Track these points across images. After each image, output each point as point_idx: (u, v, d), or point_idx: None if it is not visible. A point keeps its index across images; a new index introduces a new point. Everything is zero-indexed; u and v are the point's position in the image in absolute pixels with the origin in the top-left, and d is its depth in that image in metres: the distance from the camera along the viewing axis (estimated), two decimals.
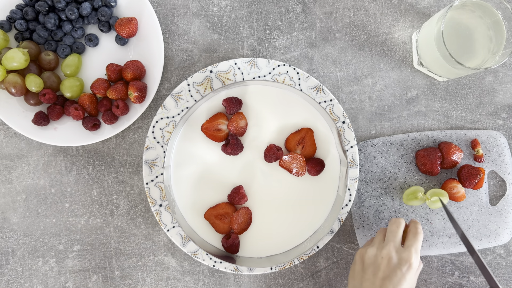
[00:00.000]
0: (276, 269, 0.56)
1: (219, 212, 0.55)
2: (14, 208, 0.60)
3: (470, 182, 0.56)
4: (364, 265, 0.49)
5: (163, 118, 0.56)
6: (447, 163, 0.57)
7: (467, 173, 0.56)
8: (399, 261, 0.47)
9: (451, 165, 0.57)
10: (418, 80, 0.60)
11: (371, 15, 0.60)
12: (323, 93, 0.56)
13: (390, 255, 0.47)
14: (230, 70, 0.56)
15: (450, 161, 0.57)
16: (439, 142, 0.58)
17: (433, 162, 0.57)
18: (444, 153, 0.57)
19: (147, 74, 0.57)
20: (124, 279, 0.60)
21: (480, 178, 0.56)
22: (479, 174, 0.56)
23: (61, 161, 0.60)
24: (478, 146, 0.58)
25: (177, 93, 0.56)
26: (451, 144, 0.57)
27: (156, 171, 0.56)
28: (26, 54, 0.54)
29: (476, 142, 0.58)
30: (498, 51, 0.52)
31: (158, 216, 0.56)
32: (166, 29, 0.60)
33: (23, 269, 0.60)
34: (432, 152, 0.57)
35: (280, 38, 0.60)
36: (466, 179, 0.56)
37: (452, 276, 0.59)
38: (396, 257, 0.47)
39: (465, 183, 0.56)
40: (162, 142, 0.56)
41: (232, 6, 0.60)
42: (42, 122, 0.56)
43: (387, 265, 0.47)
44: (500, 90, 0.60)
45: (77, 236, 0.60)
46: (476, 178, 0.56)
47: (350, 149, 0.56)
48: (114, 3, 0.57)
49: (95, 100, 0.57)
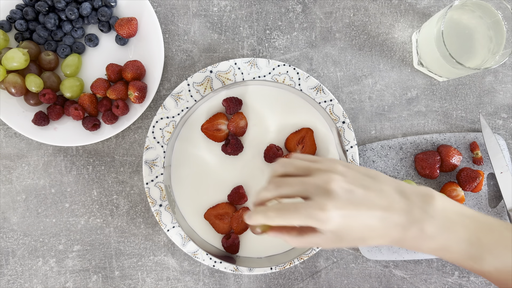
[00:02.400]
0: (276, 269, 0.56)
1: (219, 212, 0.55)
2: (14, 208, 0.60)
3: (469, 185, 0.56)
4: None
5: (163, 118, 0.56)
6: (446, 166, 0.57)
7: (466, 176, 0.56)
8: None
9: (450, 168, 0.57)
10: (418, 80, 0.60)
11: (371, 15, 0.60)
12: (323, 93, 0.56)
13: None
14: (230, 70, 0.56)
15: (449, 164, 0.57)
16: (438, 145, 0.58)
17: (432, 165, 0.57)
18: (443, 156, 0.57)
19: (147, 74, 0.57)
20: (124, 279, 0.60)
21: (479, 181, 0.56)
22: (478, 177, 0.56)
23: (61, 161, 0.60)
24: (477, 148, 0.58)
25: (177, 93, 0.56)
26: (450, 147, 0.57)
27: (156, 171, 0.56)
28: (26, 54, 0.54)
29: (475, 145, 0.58)
30: (498, 51, 0.52)
31: (158, 216, 0.56)
32: (166, 29, 0.60)
33: (23, 269, 0.60)
34: (431, 155, 0.57)
35: (280, 38, 0.60)
36: (466, 182, 0.56)
37: (452, 276, 0.59)
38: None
39: (465, 186, 0.56)
40: (162, 142, 0.56)
41: (232, 6, 0.60)
42: (42, 122, 0.56)
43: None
44: (500, 90, 0.60)
45: (77, 236, 0.60)
46: (475, 181, 0.56)
47: (350, 149, 0.56)
48: (114, 3, 0.57)
49: (95, 100, 0.57)
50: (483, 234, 0.37)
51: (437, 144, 0.59)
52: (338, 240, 0.37)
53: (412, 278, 0.59)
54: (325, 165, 0.39)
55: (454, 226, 0.37)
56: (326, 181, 0.36)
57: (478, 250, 0.37)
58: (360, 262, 0.60)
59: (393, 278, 0.60)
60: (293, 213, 0.36)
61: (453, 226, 0.37)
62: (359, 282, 0.60)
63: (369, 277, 0.60)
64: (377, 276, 0.60)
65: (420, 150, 0.59)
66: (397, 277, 0.60)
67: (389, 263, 0.60)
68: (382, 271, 0.60)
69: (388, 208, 0.36)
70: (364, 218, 0.36)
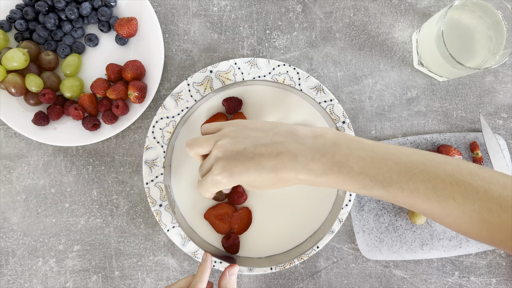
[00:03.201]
0: (276, 269, 0.56)
1: (219, 212, 0.55)
2: (14, 208, 0.60)
3: None
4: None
5: (163, 118, 0.56)
6: None
7: None
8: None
9: None
10: (418, 80, 0.60)
11: (371, 15, 0.60)
12: (323, 93, 0.56)
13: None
14: (230, 70, 0.56)
15: None
16: (438, 145, 0.58)
17: None
18: None
19: (147, 74, 0.57)
20: (124, 279, 0.60)
21: None
22: None
23: (61, 161, 0.60)
24: (477, 148, 0.58)
25: (177, 93, 0.56)
26: (450, 147, 0.57)
27: (156, 171, 0.56)
28: (26, 54, 0.54)
29: (475, 145, 0.58)
30: (498, 51, 0.52)
31: (158, 216, 0.56)
32: (166, 29, 0.60)
33: (23, 269, 0.60)
34: None
35: (280, 38, 0.60)
36: None
37: (452, 276, 0.59)
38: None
39: None
40: (162, 142, 0.56)
41: (232, 6, 0.60)
42: (42, 122, 0.56)
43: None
44: (500, 90, 0.60)
45: (77, 236, 0.60)
46: None
47: None
48: (114, 3, 0.57)
49: (95, 100, 0.57)
50: (375, 165, 0.37)
51: (437, 144, 0.59)
52: (250, 188, 0.41)
53: (412, 278, 0.59)
54: (225, 127, 0.43)
55: (347, 160, 0.37)
56: (216, 146, 0.41)
57: (370, 182, 0.37)
58: (360, 262, 0.60)
59: (393, 278, 0.60)
60: (203, 184, 0.42)
61: (345, 161, 0.37)
62: (359, 282, 0.60)
63: (369, 277, 0.60)
64: (377, 276, 0.60)
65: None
66: (397, 277, 0.60)
67: (389, 263, 0.59)
68: (382, 271, 0.60)
69: (277, 155, 0.39)
70: (254, 173, 0.39)
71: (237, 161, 0.39)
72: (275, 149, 0.39)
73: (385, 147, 0.38)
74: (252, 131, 0.41)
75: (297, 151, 0.39)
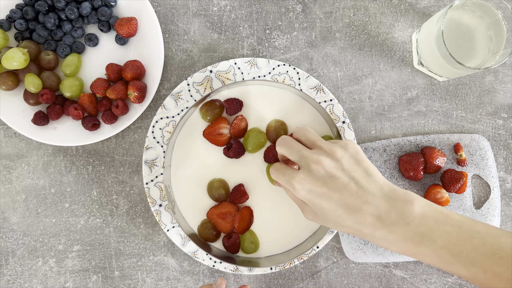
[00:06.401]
0: (276, 269, 0.56)
1: (221, 211, 0.55)
2: (13, 208, 0.60)
3: (453, 187, 0.56)
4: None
5: (163, 118, 0.56)
6: (430, 168, 0.56)
7: (450, 177, 0.56)
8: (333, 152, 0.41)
9: (434, 169, 0.57)
10: (418, 80, 0.60)
11: (371, 15, 0.60)
12: (323, 93, 0.56)
13: (320, 159, 0.41)
14: (230, 70, 0.56)
15: (433, 166, 0.56)
16: (422, 147, 0.58)
17: (416, 167, 0.56)
18: (427, 158, 0.56)
19: (147, 74, 0.57)
20: (124, 279, 0.60)
21: (463, 182, 0.56)
22: (462, 178, 0.55)
23: (61, 161, 0.60)
24: (460, 150, 0.58)
25: (177, 93, 0.56)
26: (433, 149, 0.57)
27: (156, 171, 0.56)
28: (26, 53, 0.54)
29: (458, 146, 0.58)
30: (498, 51, 0.52)
31: (158, 216, 0.56)
32: (166, 29, 0.60)
33: (22, 269, 0.60)
34: (415, 157, 0.56)
35: (280, 38, 0.60)
36: (449, 184, 0.56)
37: (452, 276, 0.59)
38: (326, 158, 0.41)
39: (449, 187, 0.56)
40: (162, 142, 0.56)
41: (232, 6, 0.60)
42: (42, 122, 0.56)
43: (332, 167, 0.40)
44: (500, 90, 0.60)
45: (76, 236, 0.60)
46: (459, 182, 0.55)
47: None
48: (114, 3, 0.57)
49: (94, 100, 0.57)
50: (460, 242, 0.36)
51: (421, 145, 0.58)
52: (313, 214, 0.42)
53: (412, 278, 0.59)
54: (328, 146, 0.42)
55: (432, 233, 0.37)
56: (315, 160, 0.40)
57: (451, 258, 0.36)
58: (360, 262, 0.60)
59: (393, 278, 0.60)
60: (281, 175, 0.43)
61: (429, 233, 0.37)
62: (359, 282, 0.60)
63: (369, 277, 0.60)
64: (377, 276, 0.60)
65: (404, 152, 0.58)
66: (397, 277, 0.60)
67: (389, 263, 0.60)
68: (382, 271, 0.60)
69: (364, 203, 0.38)
70: (333, 204, 0.39)
71: (324, 183, 0.39)
72: (366, 197, 0.39)
73: (473, 225, 0.37)
74: (359, 167, 0.41)
75: (385, 209, 0.38)
